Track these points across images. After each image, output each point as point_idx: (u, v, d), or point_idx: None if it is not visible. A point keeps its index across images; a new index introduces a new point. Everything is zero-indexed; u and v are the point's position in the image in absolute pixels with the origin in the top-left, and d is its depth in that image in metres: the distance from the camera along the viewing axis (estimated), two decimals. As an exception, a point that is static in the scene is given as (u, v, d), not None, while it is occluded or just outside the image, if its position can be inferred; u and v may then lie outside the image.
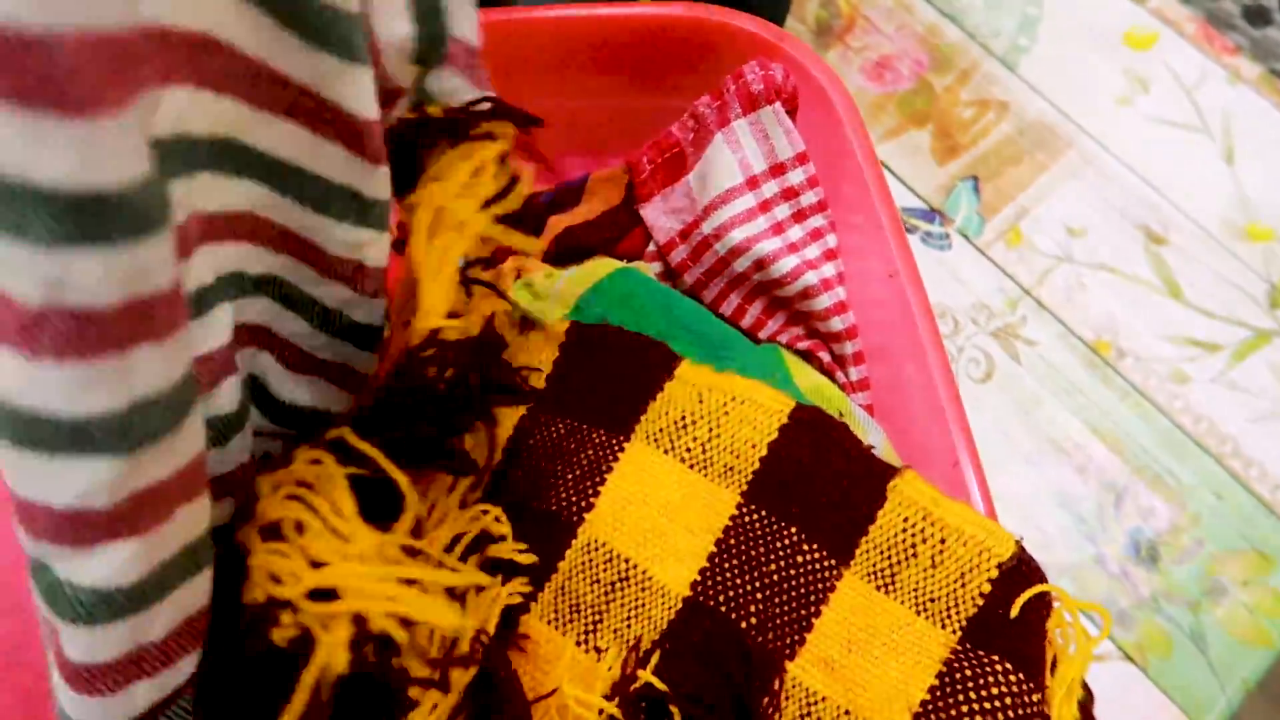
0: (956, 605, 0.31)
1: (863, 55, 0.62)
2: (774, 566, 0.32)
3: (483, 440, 0.31)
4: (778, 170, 0.41)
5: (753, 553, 0.32)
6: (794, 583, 0.32)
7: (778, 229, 0.41)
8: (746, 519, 0.32)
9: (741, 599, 0.32)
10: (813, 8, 0.63)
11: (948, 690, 0.31)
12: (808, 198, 0.42)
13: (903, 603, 0.32)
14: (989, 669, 0.31)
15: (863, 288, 0.39)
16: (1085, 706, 0.31)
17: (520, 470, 0.33)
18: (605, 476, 0.33)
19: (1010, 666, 0.31)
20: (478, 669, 0.28)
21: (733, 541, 0.32)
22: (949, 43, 0.63)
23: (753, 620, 0.31)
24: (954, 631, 0.31)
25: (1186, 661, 0.50)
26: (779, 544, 0.32)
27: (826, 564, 0.32)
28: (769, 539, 0.32)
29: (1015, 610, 0.31)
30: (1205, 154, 0.61)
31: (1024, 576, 0.32)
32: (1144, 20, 0.64)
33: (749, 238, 0.40)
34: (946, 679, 0.31)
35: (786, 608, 0.31)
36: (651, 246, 0.44)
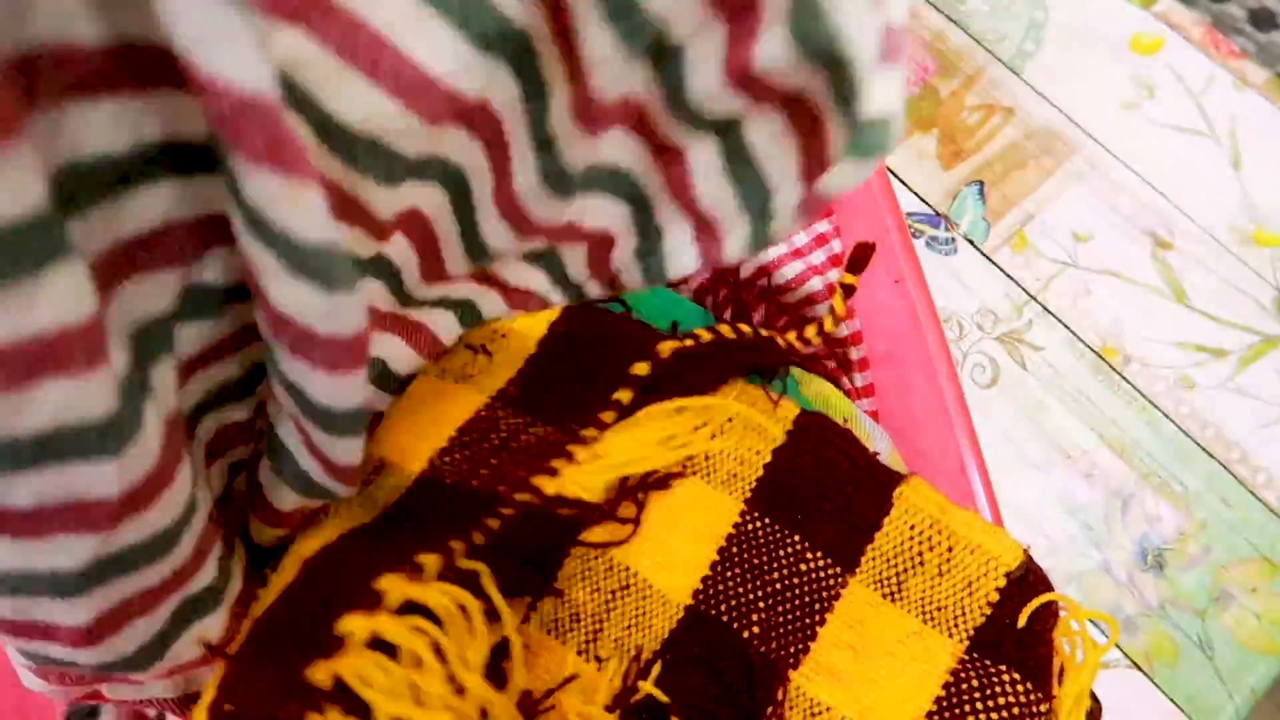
0: (964, 614, 0.31)
1: (868, 60, 0.62)
2: (777, 575, 0.31)
3: None
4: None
5: (755, 561, 0.32)
6: (798, 591, 0.31)
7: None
8: (750, 527, 0.32)
9: (744, 608, 0.31)
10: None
11: (955, 700, 0.30)
12: None
13: (909, 611, 0.32)
14: (997, 679, 0.31)
15: (869, 293, 0.39)
16: (1094, 716, 0.31)
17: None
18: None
19: (1018, 676, 0.30)
20: None
21: (735, 550, 0.32)
22: (954, 47, 0.62)
23: (755, 630, 0.31)
24: (961, 640, 0.31)
25: (1194, 669, 0.49)
26: (782, 552, 0.32)
27: (831, 572, 0.32)
28: (772, 547, 0.32)
29: (1023, 620, 0.31)
30: (1212, 159, 0.60)
31: (1031, 586, 0.32)
32: (1150, 25, 0.63)
33: None
34: (953, 689, 0.30)
35: (790, 616, 0.31)
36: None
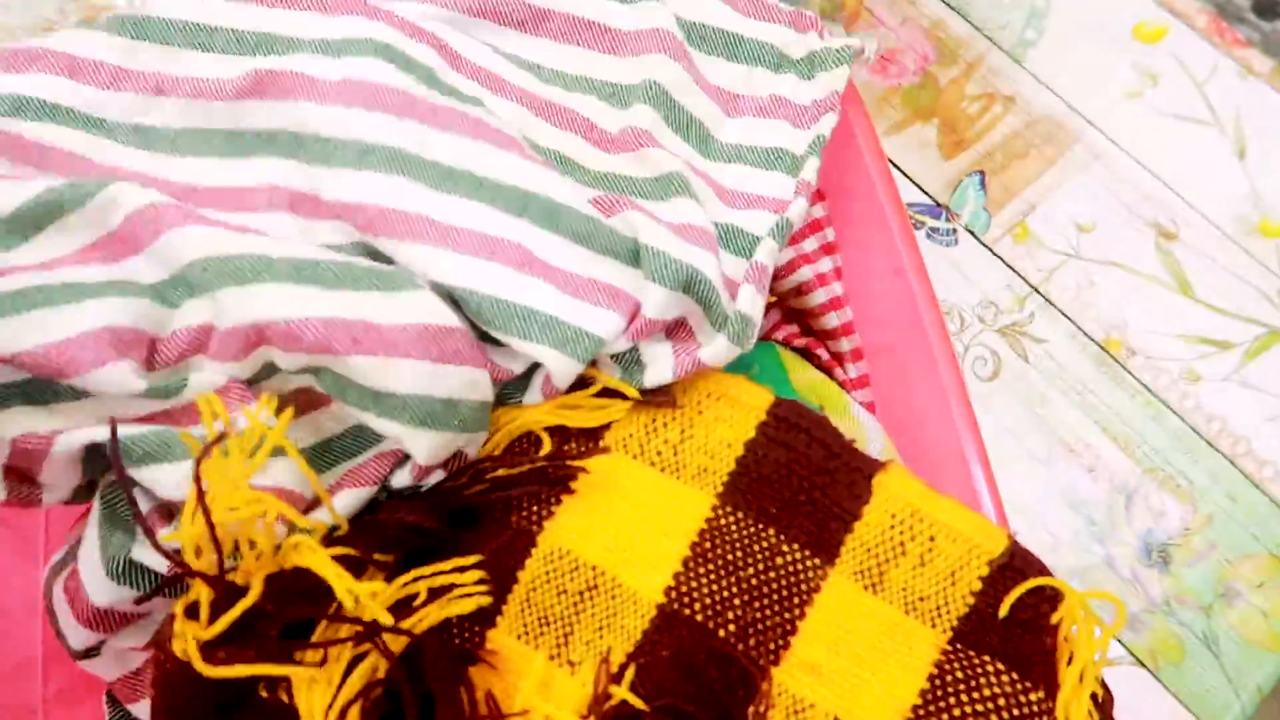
0: (947, 604, 0.31)
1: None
2: (752, 570, 0.31)
3: None
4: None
5: (729, 557, 0.31)
6: (774, 585, 0.31)
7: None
8: (722, 522, 0.31)
9: (719, 605, 0.31)
10: (816, 0, 0.62)
11: (940, 693, 0.30)
12: None
13: (891, 603, 0.31)
14: (981, 670, 0.30)
15: (868, 284, 0.38)
16: (1104, 706, 0.30)
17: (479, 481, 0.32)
18: (568, 485, 0.32)
19: (1002, 666, 0.30)
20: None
21: (708, 546, 0.31)
22: (955, 35, 0.62)
23: (731, 627, 0.30)
24: (944, 631, 0.31)
25: (1199, 666, 0.49)
26: (757, 547, 0.31)
27: (810, 564, 0.31)
28: (746, 542, 0.31)
29: (1005, 609, 0.30)
30: (1216, 149, 0.59)
31: (1018, 572, 0.31)
32: (1153, 13, 0.63)
33: None
34: (938, 681, 0.30)
35: (768, 612, 0.31)
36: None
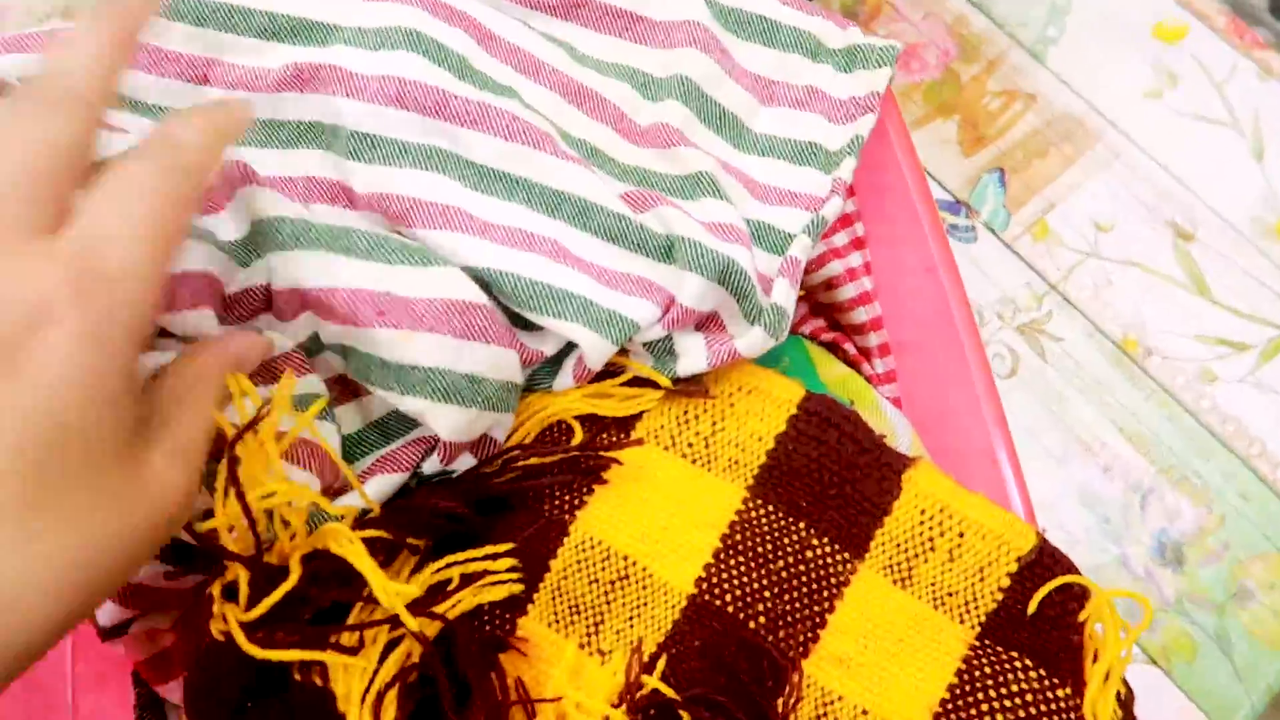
0: (975, 600, 0.31)
1: (888, 44, 0.61)
2: (782, 563, 0.31)
3: None
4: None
5: (760, 549, 0.31)
6: (804, 579, 0.31)
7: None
8: (753, 514, 0.32)
9: (749, 597, 0.31)
10: (838, -4, 0.61)
11: (968, 688, 0.30)
12: None
13: (920, 598, 0.31)
14: (1008, 666, 0.30)
15: (898, 280, 0.38)
16: (1127, 704, 0.31)
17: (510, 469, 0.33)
18: (601, 475, 0.32)
19: (1030, 663, 0.30)
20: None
21: (739, 538, 0.31)
22: (976, 32, 0.62)
23: (761, 619, 0.30)
24: (973, 627, 0.31)
25: (1211, 665, 0.49)
26: (787, 540, 0.31)
27: (839, 558, 0.31)
28: (777, 535, 0.31)
29: (1033, 605, 0.31)
30: (1234, 150, 0.59)
31: (1046, 570, 0.31)
32: (1174, 12, 0.63)
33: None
34: (966, 676, 0.30)
35: (797, 604, 0.31)
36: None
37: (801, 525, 0.31)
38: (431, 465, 0.30)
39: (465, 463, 0.31)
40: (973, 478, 0.34)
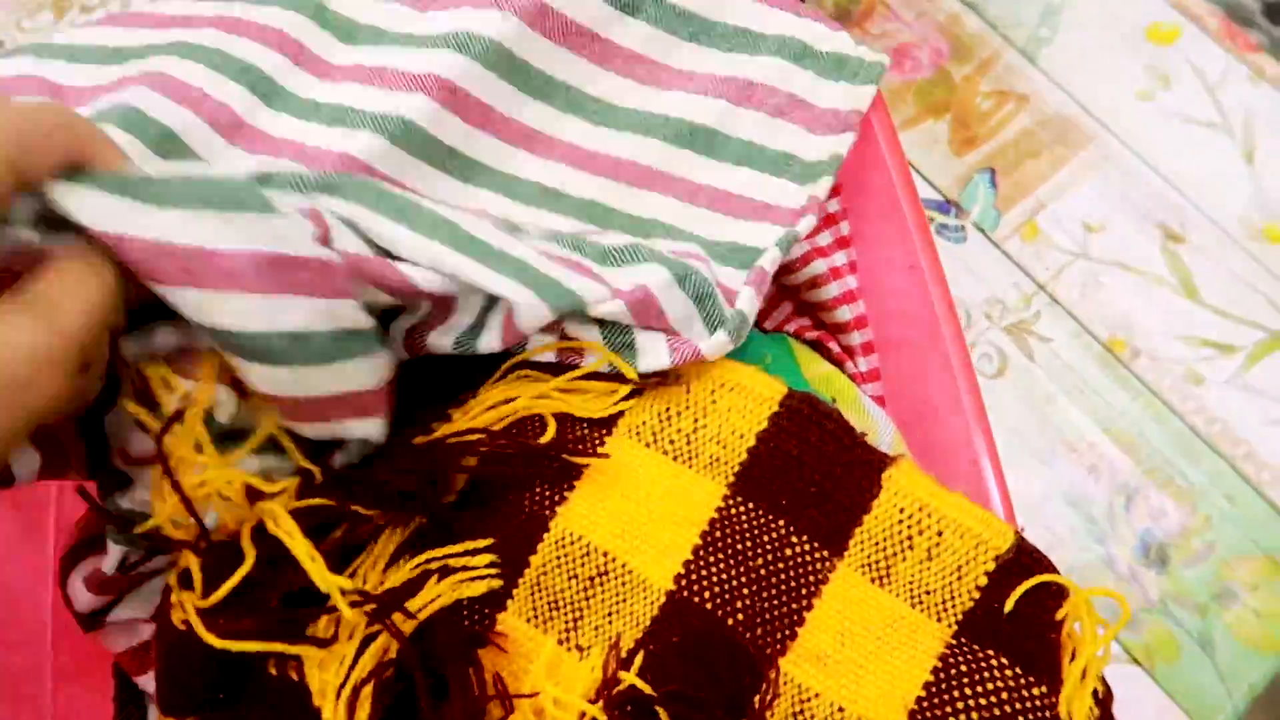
0: (953, 599, 0.31)
1: (881, 42, 0.61)
2: (762, 560, 0.31)
3: None
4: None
5: (739, 546, 0.31)
6: (783, 576, 0.31)
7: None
8: (733, 512, 0.31)
9: (728, 594, 0.31)
10: (831, -6, 0.62)
11: (944, 686, 0.30)
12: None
13: (898, 596, 0.31)
14: (985, 664, 0.30)
15: (882, 278, 0.38)
16: (1104, 703, 0.31)
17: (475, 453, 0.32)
18: (582, 470, 0.32)
19: (1006, 661, 0.30)
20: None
21: (718, 535, 0.31)
22: (969, 32, 0.62)
23: (740, 616, 0.30)
24: (950, 625, 0.31)
25: (1194, 666, 0.49)
26: (766, 537, 0.31)
27: (818, 556, 0.31)
28: (756, 532, 0.31)
29: (1010, 604, 0.31)
30: (1225, 152, 0.60)
31: (1024, 569, 0.31)
32: (1167, 15, 0.63)
33: None
34: (942, 674, 0.30)
35: (776, 602, 0.31)
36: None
37: (781, 523, 0.31)
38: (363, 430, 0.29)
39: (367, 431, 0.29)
40: (953, 475, 0.34)
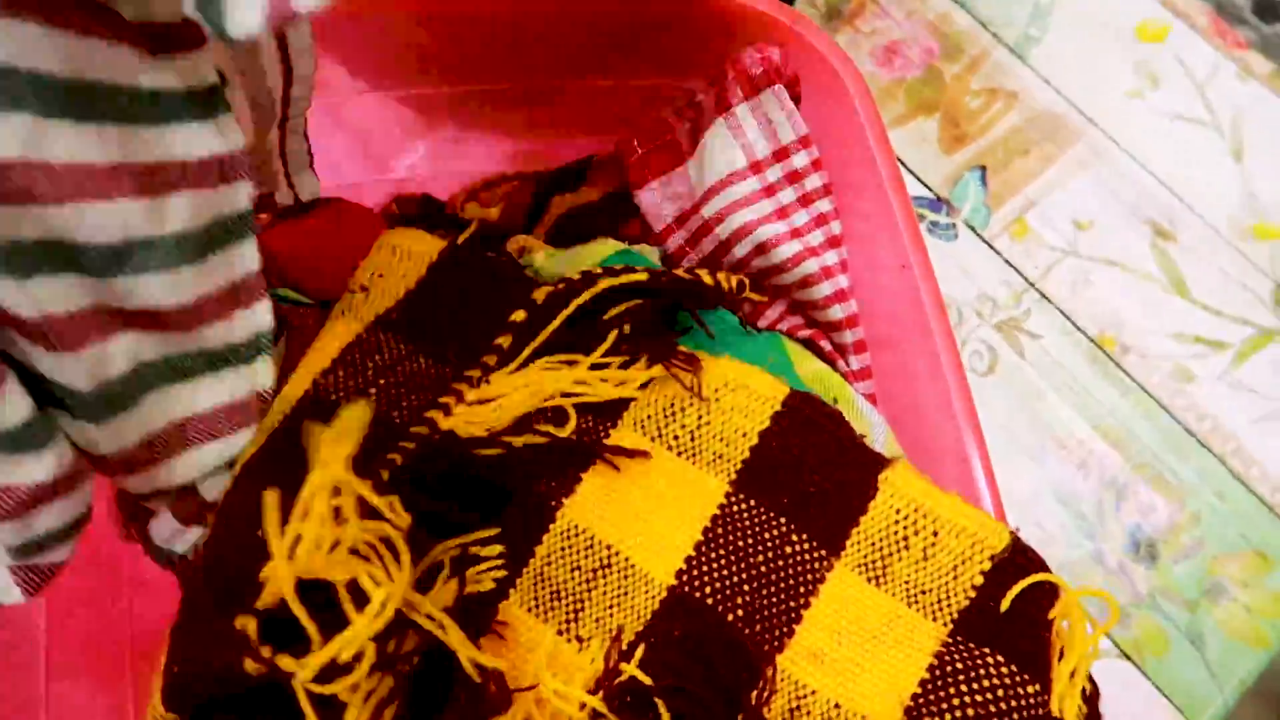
0: (948, 598, 0.31)
1: (872, 40, 0.61)
2: (762, 558, 0.31)
3: None
4: (781, 154, 0.40)
5: (740, 543, 0.31)
6: (783, 574, 0.31)
7: (782, 213, 0.40)
8: (735, 509, 0.32)
9: (728, 590, 0.31)
10: (823, -8, 0.62)
11: (939, 683, 0.30)
12: (812, 181, 0.41)
13: (894, 595, 0.31)
14: (980, 661, 0.31)
15: (873, 277, 0.38)
16: (1092, 700, 0.31)
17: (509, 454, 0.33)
18: (589, 464, 0.32)
19: (1002, 659, 0.30)
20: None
21: (720, 531, 0.32)
22: (959, 30, 0.62)
23: (739, 612, 0.31)
24: (945, 624, 0.31)
25: (1184, 661, 0.50)
26: (768, 535, 0.32)
27: (816, 555, 0.32)
28: (758, 530, 0.32)
29: (1006, 603, 0.31)
30: (1215, 150, 0.60)
31: (1019, 568, 0.32)
32: (1156, 13, 0.63)
33: (751, 221, 0.40)
34: (937, 671, 0.30)
35: (775, 599, 0.31)
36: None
37: (782, 521, 0.32)
38: None
39: None
40: (944, 472, 0.34)
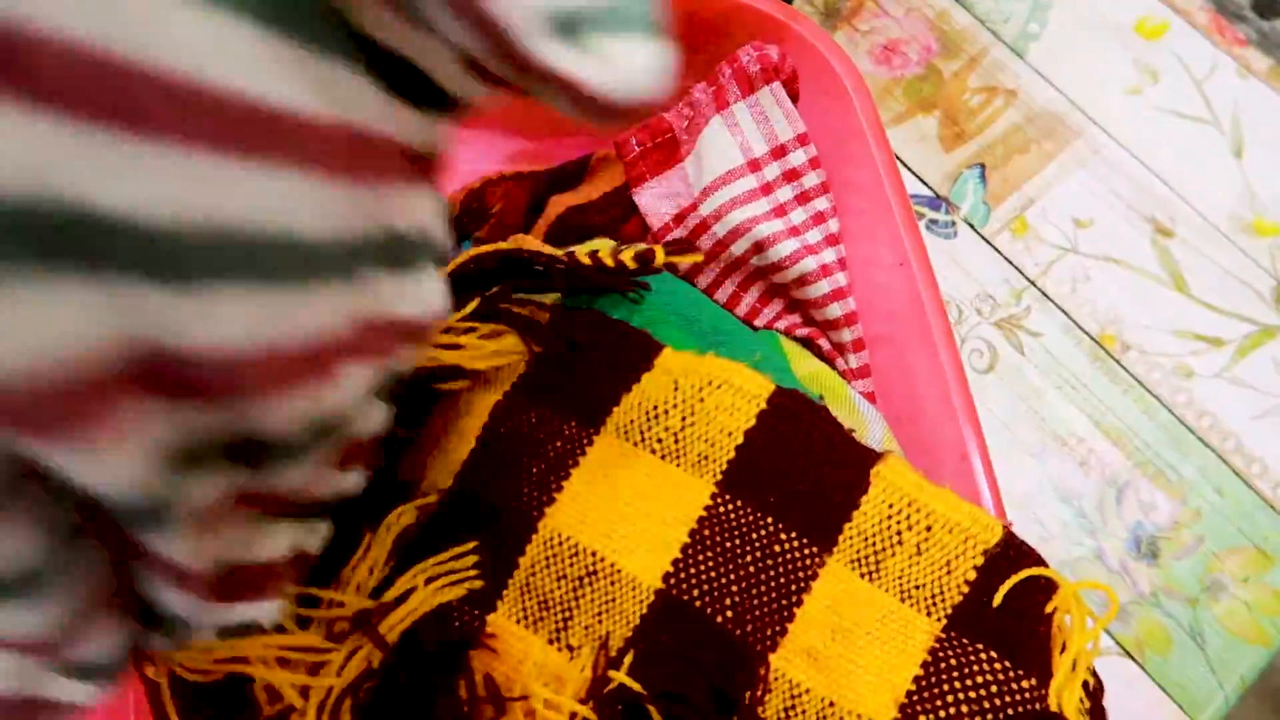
0: (942, 593, 0.31)
1: (870, 38, 0.61)
2: (750, 558, 0.31)
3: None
4: (779, 152, 0.40)
5: (728, 544, 0.31)
6: (773, 573, 0.31)
7: (780, 211, 0.40)
8: (722, 509, 0.32)
9: (717, 592, 0.31)
10: (821, -10, 0.62)
11: (933, 680, 0.30)
12: (810, 179, 0.41)
13: (887, 590, 0.31)
14: (974, 657, 0.30)
15: (871, 275, 0.38)
16: (1095, 695, 0.31)
17: (487, 461, 0.33)
18: (570, 470, 0.32)
19: (996, 655, 0.30)
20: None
21: (707, 533, 0.31)
22: (958, 28, 0.62)
23: (729, 614, 0.31)
24: (939, 620, 0.31)
25: (1185, 658, 0.49)
26: (755, 534, 0.32)
27: (808, 552, 0.31)
28: (745, 530, 0.31)
29: (999, 598, 0.31)
30: (1214, 147, 0.60)
31: (1011, 562, 0.31)
32: (1155, 9, 0.63)
33: (750, 219, 0.40)
34: (931, 668, 0.30)
35: (766, 598, 0.31)
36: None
37: (770, 519, 0.31)
38: None
39: None
40: (944, 470, 0.34)
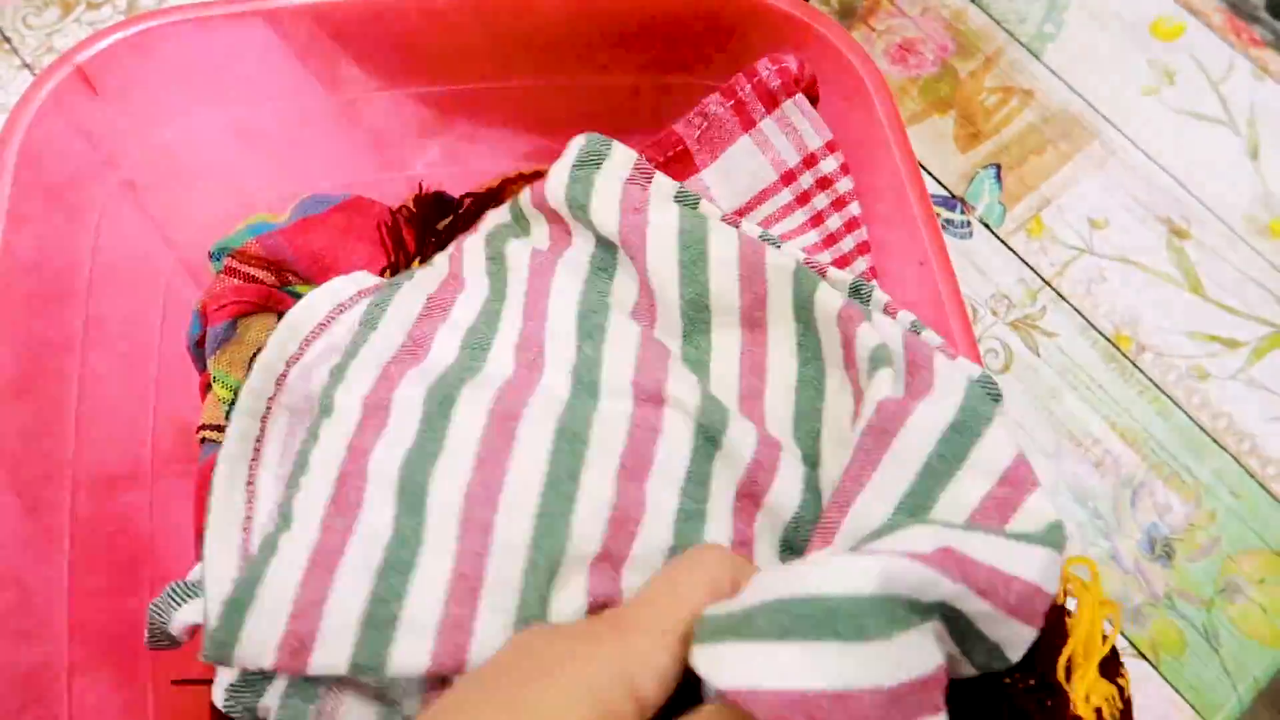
0: None
1: (886, 38, 0.61)
2: None
3: None
4: (810, 161, 0.40)
5: None
6: None
7: (817, 220, 0.40)
8: None
9: None
10: (837, -10, 0.62)
11: None
12: (843, 184, 0.41)
13: None
14: None
15: (892, 274, 0.38)
16: (1113, 667, 0.31)
17: None
18: None
19: None
20: None
21: None
22: (974, 28, 0.62)
23: None
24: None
25: (1199, 659, 0.49)
26: None
27: None
28: None
29: None
30: (1230, 148, 0.60)
31: None
32: (1171, 10, 0.63)
33: (786, 233, 0.40)
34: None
35: None
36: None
37: None
38: None
39: None
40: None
